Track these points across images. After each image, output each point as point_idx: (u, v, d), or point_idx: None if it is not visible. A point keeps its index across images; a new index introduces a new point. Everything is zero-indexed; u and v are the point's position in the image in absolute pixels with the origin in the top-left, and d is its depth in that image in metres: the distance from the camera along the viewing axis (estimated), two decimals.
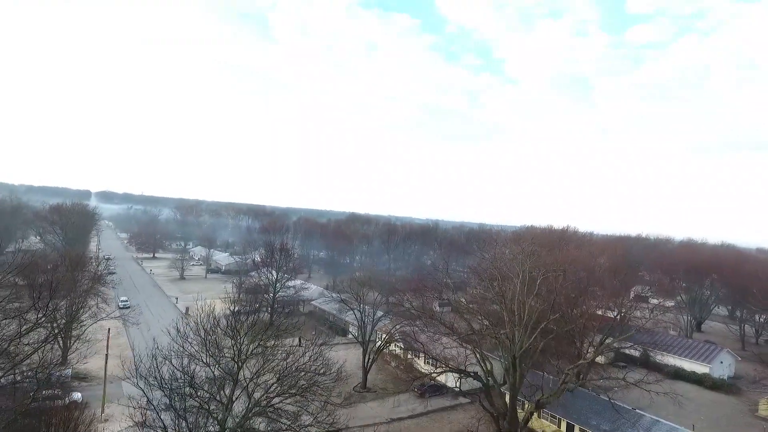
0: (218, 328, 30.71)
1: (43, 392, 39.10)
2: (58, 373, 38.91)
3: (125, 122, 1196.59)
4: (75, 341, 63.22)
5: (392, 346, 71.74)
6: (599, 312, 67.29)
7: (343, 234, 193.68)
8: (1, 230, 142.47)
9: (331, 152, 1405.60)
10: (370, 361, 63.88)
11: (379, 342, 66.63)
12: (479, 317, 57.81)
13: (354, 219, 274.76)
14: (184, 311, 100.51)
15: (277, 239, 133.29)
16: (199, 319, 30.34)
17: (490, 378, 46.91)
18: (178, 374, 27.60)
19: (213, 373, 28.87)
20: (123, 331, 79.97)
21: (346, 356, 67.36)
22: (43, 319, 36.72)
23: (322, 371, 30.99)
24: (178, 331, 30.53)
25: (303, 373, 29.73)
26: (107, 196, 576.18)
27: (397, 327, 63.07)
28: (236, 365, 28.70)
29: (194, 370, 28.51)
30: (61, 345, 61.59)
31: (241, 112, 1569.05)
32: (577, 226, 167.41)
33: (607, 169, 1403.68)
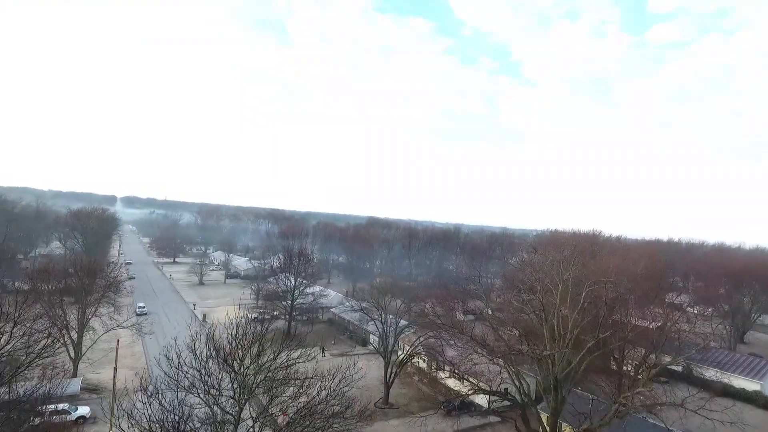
0: (218, 359, 26.22)
1: (46, 407, 36.52)
2: (60, 389, 35.99)
3: (151, 128, 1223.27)
4: (86, 351, 61.25)
5: (415, 359, 67.68)
6: (642, 324, 61.95)
7: (363, 238, 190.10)
8: (23, 235, 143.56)
9: (350, 156, 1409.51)
10: (393, 374, 59.99)
11: (402, 354, 62.60)
12: (509, 328, 53.40)
13: (373, 223, 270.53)
14: (201, 318, 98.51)
15: (296, 244, 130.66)
16: (194, 347, 26.24)
17: (526, 398, 42.54)
18: (170, 416, 23.29)
19: (211, 412, 24.78)
20: (138, 340, 77.98)
21: (366, 368, 63.57)
22: (13, 342, 33.98)
23: (342, 413, 26.11)
24: (169, 360, 26.10)
25: (318, 415, 25.31)
26: (131, 201, 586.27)
27: (421, 339, 59.10)
28: (238, 405, 24.79)
29: (188, 411, 24.09)
30: (72, 356, 59.68)
31: (260, 116, 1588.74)
32: (600, 229, 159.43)
33: (627, 170, 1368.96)
